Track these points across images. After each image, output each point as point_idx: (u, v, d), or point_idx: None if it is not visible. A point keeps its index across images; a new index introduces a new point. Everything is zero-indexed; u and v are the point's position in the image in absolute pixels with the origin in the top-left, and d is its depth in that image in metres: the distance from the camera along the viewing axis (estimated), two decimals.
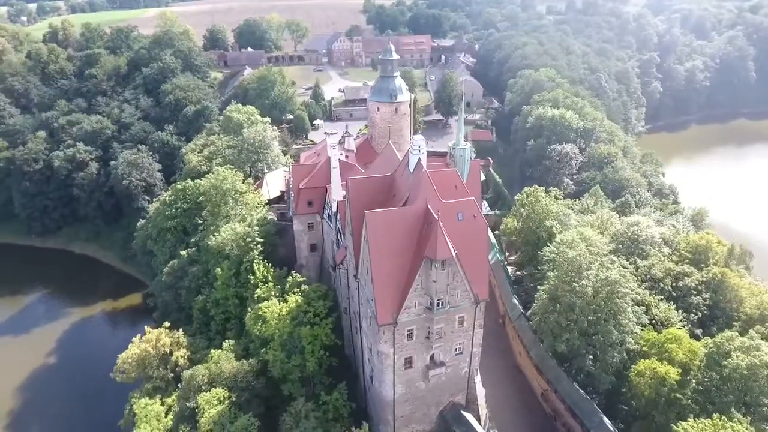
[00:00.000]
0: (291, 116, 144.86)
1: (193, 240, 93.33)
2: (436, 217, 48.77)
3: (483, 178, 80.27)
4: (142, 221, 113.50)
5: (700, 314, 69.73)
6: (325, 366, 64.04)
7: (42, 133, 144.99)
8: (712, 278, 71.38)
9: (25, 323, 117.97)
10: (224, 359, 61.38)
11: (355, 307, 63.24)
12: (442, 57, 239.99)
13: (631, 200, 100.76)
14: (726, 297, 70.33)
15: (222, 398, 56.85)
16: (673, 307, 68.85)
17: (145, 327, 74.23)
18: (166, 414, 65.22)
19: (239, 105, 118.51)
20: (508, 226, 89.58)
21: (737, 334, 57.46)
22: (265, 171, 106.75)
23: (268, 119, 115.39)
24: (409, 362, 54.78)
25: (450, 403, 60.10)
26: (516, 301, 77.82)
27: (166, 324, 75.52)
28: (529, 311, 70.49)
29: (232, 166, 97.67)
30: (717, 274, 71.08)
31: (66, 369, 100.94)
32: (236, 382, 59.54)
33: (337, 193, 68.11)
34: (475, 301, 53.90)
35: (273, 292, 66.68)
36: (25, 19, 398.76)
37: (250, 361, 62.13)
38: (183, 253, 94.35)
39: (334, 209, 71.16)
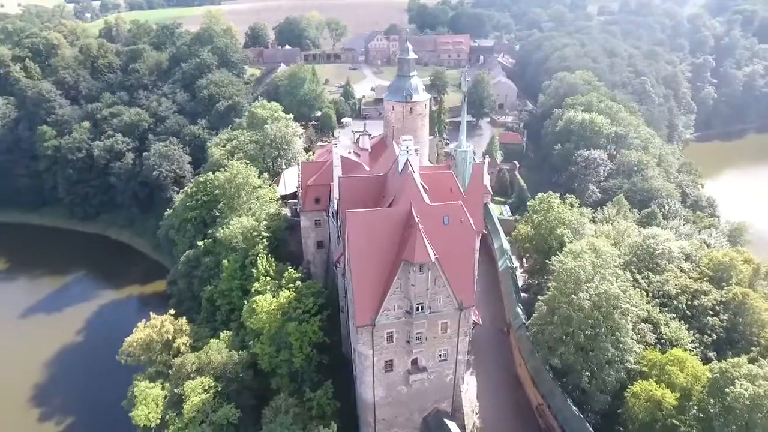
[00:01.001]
0: (319, 113, 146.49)
1: (210, 231, 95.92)
2: (417, 219, 47.86)
3: (488, 181, 77.79)
4: (169, 211, 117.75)
5: (715, 336, 65.38)
6: (315, 363, 64.26)
7: (87, 124, 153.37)
8: (732, 298, 66.86)
9: (59, 302, 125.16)
10: (214, 349, 62.83)
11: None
12: (481, 57, 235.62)
13: (658, 211, 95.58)
14: (746, 320, 65.72)
15: (208, 387, 58.24)
16: (684, 326, 64.90)
17: (151, 313, 76.97)
18: (165, 398, 67.30)
19: (264, 101, 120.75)
20: (520, 232, 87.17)
21: (745, 360, 53.21)
22: (283, 167, 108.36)
23: (290, 116, 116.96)
24: (389, 365, 54.19)
25: (434, 410, 59.04)
26: (519, 310, 75.42)
27: (171, 311, 78.10)
28: (528, 321, 68.11)
29: (248, 161, 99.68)
30: (738, 294, 66.53)
31: (88, 347, 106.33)
32: (225, 373, 60.83)
33: (337, 191, 68.14)
34: (459, 307, 52.60)
35: (269, 287, 67.56)
36: (88, 15, 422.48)
37: (240, 353, 63.30)
38: (200, 243, 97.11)
39: (335, 207, 71.34)
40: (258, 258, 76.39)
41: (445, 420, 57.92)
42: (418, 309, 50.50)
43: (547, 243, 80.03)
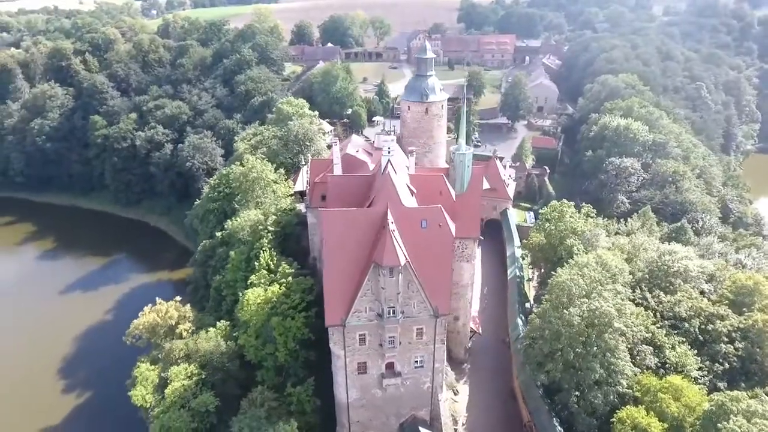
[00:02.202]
0: (350, 111, 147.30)
1: (228, 223, 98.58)
2: (388, 221, 46.96)
3: (487, 186, 75.35)
4: (198, 201, 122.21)
5: (728, 366, 60.17)
6: (302, 359, 64.56)
7: (133, 115, 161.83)
8: (752, 326, 61.45)
9: (96, 281, 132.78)
10: (203, 338, 64.50)
11: None
12: (527, 58, 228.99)
13: (688, 226, 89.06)
14: (765, 350, 59.99)
15: (191, 374, 59.89)
16: (693, 352, 60.15)
17: (157, 298, 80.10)
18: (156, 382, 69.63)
19: (291, 98, 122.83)
20: (532, 240, 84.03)
21: (746, 395, 48.59)
22: (303, 163, 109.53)
23: (315, 113, 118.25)
24: (363, 367, 53.67)
25: (411, 417, 57.92)
26: (520, 321, 72.70)
27: (177, 298, 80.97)
28: (521, 334, 65.46)
29: (268, 156, 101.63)
30: (759, 321, 60.99)
31: (113, 327, 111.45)
32: (211, 361, 62.29)
33: None
34: (434, 314, 51.20)
35: (263, 280, 68.55)
36: (154, 12, 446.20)
37: (228, 343, 64.62)
38: (218, 234, 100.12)
39: None
40: (261, 251, 77.57)
41: (421, 429, 56.64)
42: (389, 313, 49.59)
43: (556, 253, 76.68)
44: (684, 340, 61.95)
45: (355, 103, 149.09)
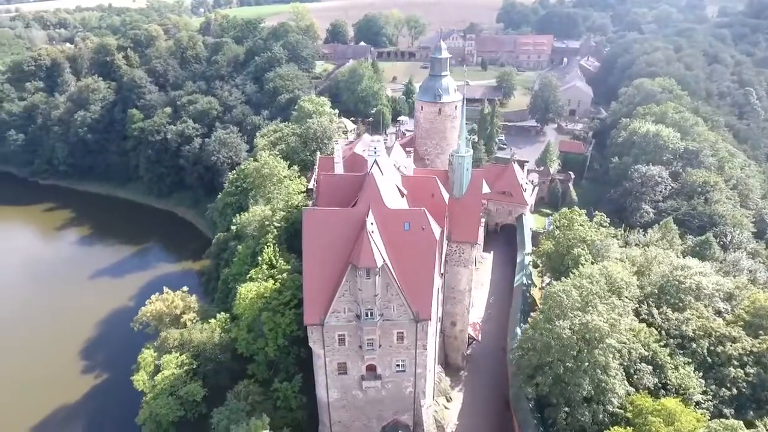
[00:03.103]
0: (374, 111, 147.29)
1: (237, 217, 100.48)
2: (365, 221, 46.43)
3: (487, 189, 73.31)
4: (220, 195, 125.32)
5: (736, 391, 56.25)
6: (294, 355, 64.96)
7: (168, 109, 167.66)
8: (766, 350, 57.04)
9: (124, 268, 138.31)
10: (197, 328, 65.91)
11: None
12: (565, 60, 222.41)
13: (713, 240, 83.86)
14: None
15: (182, 363, 61.33)
16: (698, 374, 56.61)
17: (164, 287, 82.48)
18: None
19: (313, 96, 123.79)
20: (541, 248, 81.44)
21: (741, 424, 45.17)
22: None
23: (335, 111, 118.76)
24: (343, 368, 53.35)
25: (393, 421, 57.19)
26: (519, 331, 70.33)
27: (185, 288, 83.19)
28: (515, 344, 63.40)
29: (282, 153, 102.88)
30: None
31: (132, 313, 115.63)
32: (203, 352, 63.59)
33: None
34: (414, 318, 50.26)
35: (260, 275, 69.38)
36: (202, 10, 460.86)
37: (222, 335, 65.77)
38: (233, 228, 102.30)
39: None
40: (265, 247, 78.59)
41: None
42: (367, 315, 49.06)
43: (563, 262, 73.94)
44: (690, 361, 58.39)
45: (380, 102, 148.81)
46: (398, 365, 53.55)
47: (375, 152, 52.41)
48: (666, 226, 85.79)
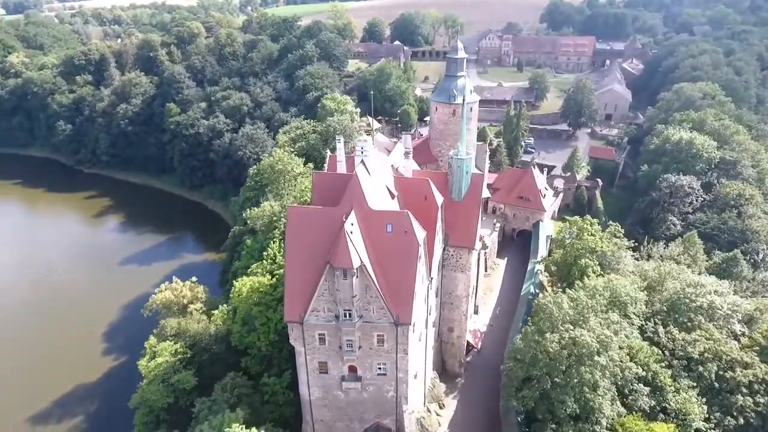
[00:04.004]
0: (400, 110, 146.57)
1: (247, 212, 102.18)
2: (343, 221, 46.01)
3: (488, 194, 71.20)
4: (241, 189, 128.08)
5: (743, 420, 52.43)
6: (287, 351, 65.33)
7: (203, 104, 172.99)
8: None
9: (151, 256, 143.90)
10: (194, 319, 67.41)
11: None
12: (607, 62, 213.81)
13: (741, 257, 78.44)
14: None
15: (175, 351, 62.91)
16: (701, 400, 53.03)
17: (174, 277, 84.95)
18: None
19: (336, 94, 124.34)
20: (551, 256, 78.67)
21: None
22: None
23: (357, 110, 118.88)
24: (324, 367, 53.15)
25: (375, 424, 56.56)
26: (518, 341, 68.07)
27: (194, 279, 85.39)
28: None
29: (302, 150, 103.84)
30: None
31: None
32: (199, 342, 65.00)
33: None
34: (394, 322, 49.43)
35: (260, 270, 70.27)
36: (250, 8, 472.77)
37: (218, 326, 67.01)
38: (248, 222, 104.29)
39: None
40: (271, 242, 79.58)
41: None
42: (345, 315, 48.67)
43: (570, 272, 71.14)
44: (695, 385, 54.91)
45: (407, 101, 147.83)
46: (380, 368, 52.85)
47: (362, 152, 51.87)
48: (689, 240, 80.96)
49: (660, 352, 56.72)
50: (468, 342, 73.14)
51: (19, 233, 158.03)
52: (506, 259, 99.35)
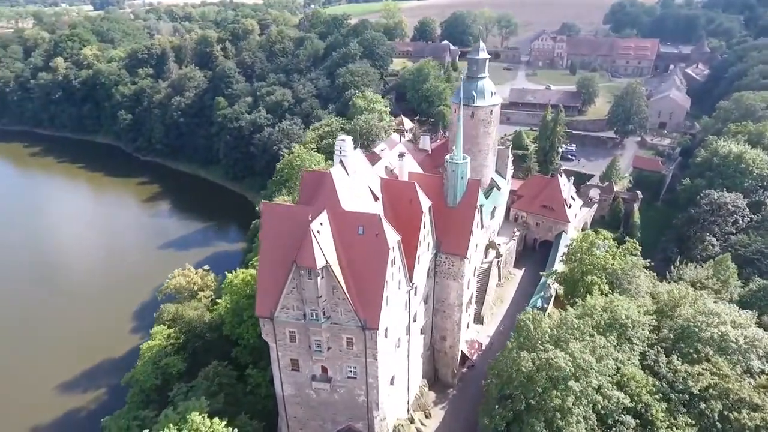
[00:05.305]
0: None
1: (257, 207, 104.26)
2: (319, 222, 45.67)
3: (483, 201, 68.07)
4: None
5: None
6: None
7: (249, 99, 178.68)
8: None
9: (189, 243, 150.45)
10: (190, 306, 69.52)
11: None
12: (671, 67, 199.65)
13: None
14: None
15: (168, 336, 65.19)
16: None
17: (186, 263, 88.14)
18: None
19: (365, 93, 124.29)
20: (561, 271, 74.62)
21: None
22: None
23: (387, 109, 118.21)
24: (296, 365, 53.17)
25: (347, 427, 55.90)
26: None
27: (206, 267, 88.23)
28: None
29: (327, 147, 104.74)
30: None
31: None
32: (193, 329, 67.04)
33: None
34: (362, 326, 48.56)
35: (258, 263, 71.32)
36: (313, 6, 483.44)
37: (212, 314, 68.82)
38: None
39: None
40: None
41: None
42: (312, 315, 48.37)
43: (576, 288, 67.14)
44: (693, 423, 49.86)
45: (444, 102, 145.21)
46: (350, 371, 52.14)
47: (341, 152, 51.26)
48: (721, 263, 73.99)
49: (658, 383, 52.12)
50: (463, 353, 70.72)
51: (77, 213, 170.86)
52: (524, 269, 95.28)
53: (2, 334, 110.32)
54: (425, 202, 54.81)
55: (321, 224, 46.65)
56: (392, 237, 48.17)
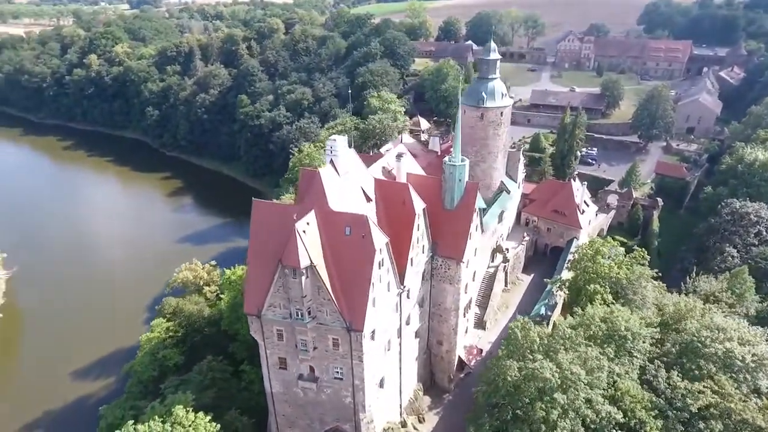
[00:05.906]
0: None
1: None
2: (305, 222, 45.59)
3: (483, 203, 66.57)
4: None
5: None
6: None
7: (270, 97, 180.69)
8: None
9: (205, 238, 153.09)
10: (191, 300, 70.50)
11: None
12: (704, 69, 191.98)
13: None
14: None
15: (167, 329, 66.30)
16: None
17: (193, 258, 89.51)
18: None
19: (383, 92, 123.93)
20: (564, 278, 72.64)
21: None
22: None
23: (401, 109, 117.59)
24: (283, 363, 53.25)
25: (334, 427, 55.70)
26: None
27: (213, 262, 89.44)
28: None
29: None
30: None
31: None
32: (192, 323, 68.01)
33: None
34: (347, 328, 48.21)
35: None
36: (342, 5, 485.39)
37: (211, 309, 69.65)
38: None
39: None
40: None
41: None
42: (297, 315, 48.30)
43: (578, 297, 65.22)
44: None
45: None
46: (336, 372, 51.90)
47: (332, 152, 51.00)
48: (738, 276, 70.62)
49: (656, 399, 50.06)
50: (460, 358, 69.55)
51: (104, 205, 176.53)
52: (532, 275, 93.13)
53: (29, 315, 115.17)
54: (419, 204, 54.05)
55: (308, 224, 46.54)
56: (379, 239, 47.63)
